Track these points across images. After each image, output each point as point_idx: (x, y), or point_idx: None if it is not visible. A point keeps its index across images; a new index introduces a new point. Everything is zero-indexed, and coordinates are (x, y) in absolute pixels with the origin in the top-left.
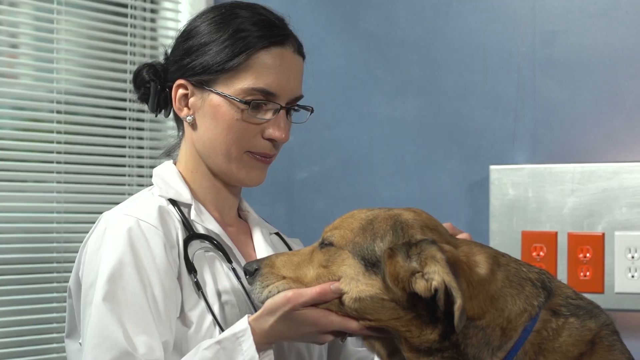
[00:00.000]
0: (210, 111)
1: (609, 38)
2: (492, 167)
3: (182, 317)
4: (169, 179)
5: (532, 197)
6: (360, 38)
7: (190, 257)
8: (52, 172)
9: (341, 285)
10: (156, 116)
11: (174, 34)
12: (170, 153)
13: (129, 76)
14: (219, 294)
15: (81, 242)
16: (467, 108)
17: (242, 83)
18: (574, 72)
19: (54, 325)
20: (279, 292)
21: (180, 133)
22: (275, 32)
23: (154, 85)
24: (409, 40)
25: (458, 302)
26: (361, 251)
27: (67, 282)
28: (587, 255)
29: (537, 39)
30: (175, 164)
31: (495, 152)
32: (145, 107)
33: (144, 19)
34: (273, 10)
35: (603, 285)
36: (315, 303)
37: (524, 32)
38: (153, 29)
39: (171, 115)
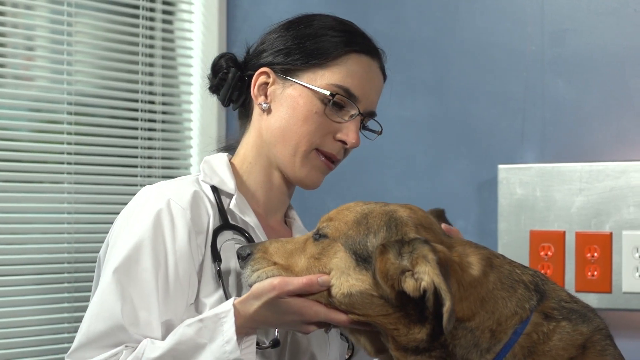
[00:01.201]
0: (289, 101)
1: (617, 37)
2: (501, 166)
3: (197, 302)
4: (216, 167)
5: (540, 196)
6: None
7: (217, 246)
8: (63, 172)
9: (331, 278)
10: (225, 106)
11: (189, 35)
12: (228, 149)
13: (141, 77)
14: (239, 287)
15: (91, 242)
16: (476, 107)
17: (329, 78)
18: (582, 71)
19: (65, 325)
20: (267, 277)
21: (243, 127)
22: (370, 44)
23: (233, 72)
24: (419, 40)
25: (447, 305)
26: (353, 245)
27: (77, 282)
28: (595, 254)
29: (545, 38)
30: (230, 158)
31: (504, 151)
32: (155, 110)
33: (154, 19)
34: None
35: (610, 285)
36: (301, 293)
37: (532, 32)
38: (166, 31)
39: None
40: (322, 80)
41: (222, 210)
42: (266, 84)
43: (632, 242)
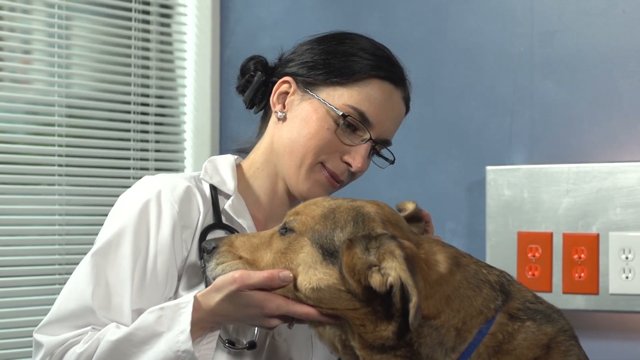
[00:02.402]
0: (303, 114)
1: (606, 38)
2: (489, 167)
3: (176, 296)
4: (220, 167)
5: (528, 197)
6: None
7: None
8: (54, 174)
9: (298, 273)
10: (247, 108)
11: (183, 37)
12: (241, 152)
13: (134, 79)
14: None
15: (82, 244)
16: (465, 108)
17: (347, 98)
18: (571, 72)
19: None
20: (231, 270)
21: (261, 131)
22: (394, 71)
23: (259, 76)
24: (409, 41)
25: (414, 300)
26: (320, 239)
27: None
28: (582, 256)
29: (535, 39)
30: (238, 160)
31: (492, 152)
32: (148, 112)
33: (149, 22)
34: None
35: (598, 286)
36: (262, 287)
37: (522, 32)
38: (159, 33)
39: (254, 119)
40: (339, 100)
41: (217, 210)
42: (286, 93)
43: (619, 244)
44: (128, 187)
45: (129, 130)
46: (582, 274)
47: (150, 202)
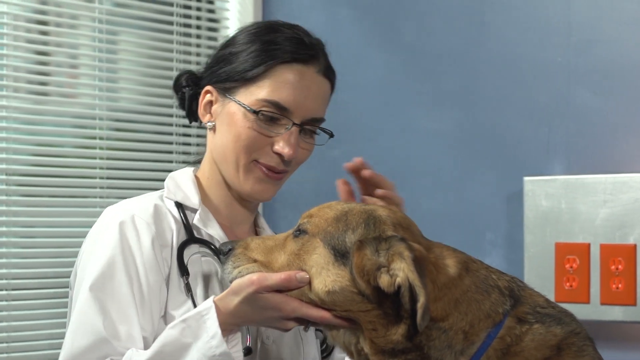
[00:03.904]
0: (227, 119)
1: None
2: (526, 178)
3: (166, 316)
4: (180, 183)
5: (565, 208)
6: (398, 51)
7: (184, 260)
8: (95, 187)
9: (312, 276)
10: (190, 123)
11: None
12: (196, 163)
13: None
14: (207, 299)
15: None
16: (502, 119)
17: (258, 94)
18: (608, 81)
19: None
20: (248, 274)
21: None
22: (301, 50)
23: (188, 91)
24: (446, 52)
25: (421, 300)
26: (332, 241)
27: None
28: (619, 267)
29: (571, 48)
30: (196, 172)
31: (530, 163)
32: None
33: (189, 35)
34: (312, 34)
35: (635, 297)
36: (279, 289)
37: (558, 42)
38: (200, 46)
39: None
40: (252, 96)
41: (187, 225)
42: (211, 102)
43: None
44: None
45: (171, 143)
46: (620, 285)
47: (126, 225)
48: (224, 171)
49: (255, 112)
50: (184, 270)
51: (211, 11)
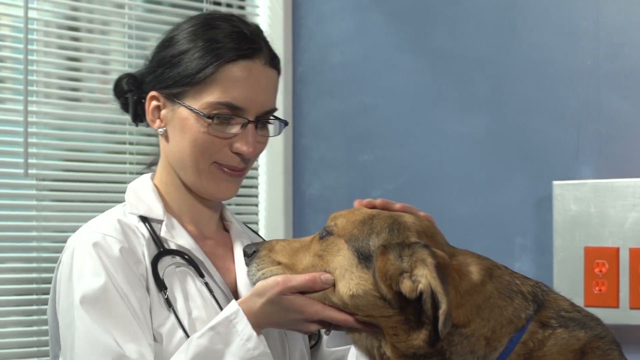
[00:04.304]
0: (179, 124)
1: None
2: (555, 182)
3: (153, 333)
4: (142, 194)
5: (594, 212)
6: (428, 55)
7: (160, 274)
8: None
9: (336, 278)
10: (137, 126)
11: None
12: (150, 166)
13: None
14: (189, 311)
15: None
16: (531, 123)
17: (209, 97)
18: (637, 85)
19: None
20: (271, 276)
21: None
22: (244, 45)
23: (131, 96)
24: (475, 56)
25: (443, 307)
26: (356, 243)
27: None
28: None
29: (600, 52)
30: (153, 177)
31: (559, 167)
32: None
33: None
34: (249, 22)
35: None
36: (303, 290)
37: (587, 46)
38: None
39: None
40: (203, 100)
41: (156, 238)
42: (158, 107)
43: None
44: None
45: None
46: None
47: (100, 246)
48: (184, 176)
49: (210, 117)
50: (161, 285)
51: (243, 17)
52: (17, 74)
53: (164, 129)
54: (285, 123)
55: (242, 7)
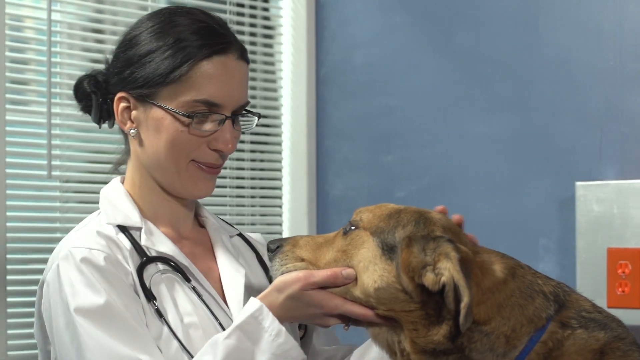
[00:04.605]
0: (153, 124)
1: None
2: (578, 183)
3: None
4: (116, 201)
5: (617, 213)
6: (451, 56)
7: (147, 284)
8: None
9: (360, 272)
10: (100, 127)
11: (281, 57)
12: (117, 167)
13: None
14: (181, 318)
15: None
16: (554, 124)
17: (185, 96)
18: None
19: None
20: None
21: (125, 146)
22: (216, 40)
23: (95, 97)
24: (499, 57)
25: (465, 300)
26: (382, 235)
27: None
28: None
29: (624, 53)
30: (122, 181)
31: (582, 168)
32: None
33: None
34: (214, 15)
35: None
36: (325, 285)
37: (611, 46)
38: (255, 53)
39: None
40: (179, 99)
41: (137, 247)
42: (128, 108)
43: None
44: (224, 205)
45: None
46: None
47: (85, 259)
48: (160, 177)
49: (189, 116)
50: (150, 296)
51: (266, 18)
52: (41, 76)
53: (136, 130)
54: (259, 116)
55: (265, 9)
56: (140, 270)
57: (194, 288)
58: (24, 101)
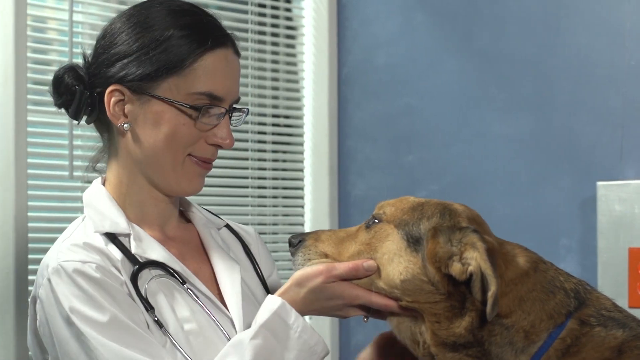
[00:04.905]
0: (152, 118)
1: None
2: (599, 183)
3: None
4: (101, 207)
5: (639, 213)
6: (472, 56)
7: (142, 293)
8: None
9: (384, 264)
10: (78, 123)
11: (303, 57)
12: (95, 166)
13: (250, 99)
14: (181, 326)
15: None
16: (575, 123)
17: (189, 86)
18: None
19: None
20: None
21: (106, 143)
22: (217, 33)
23: (80, 90)
24: (520, 57)
25: (492, 289)
26: (406, 227)
27: None
28: None
29: None
30: (103, 182)
31: (603, 168)
32: (265, 132)
33: (264, 42)
34: (206, 9)
35: None
36: (347, 278)
37: (631, 46)
38: (276, 53)
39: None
40: (182, 90)
41: (128, 255)
42: (121, 101)
43: None
44: (246, 205)
45: (246, 150)
46: None
47: (83, 274)
48: (154, 174)
49: (196, 109)
50: (148, 306)
51: (288, 19)
52: None
53: (129, 124)
54: (247, 112)
55: (288, 10)
56: (134, 279)
57: (189, 290)
58: (46, 102)
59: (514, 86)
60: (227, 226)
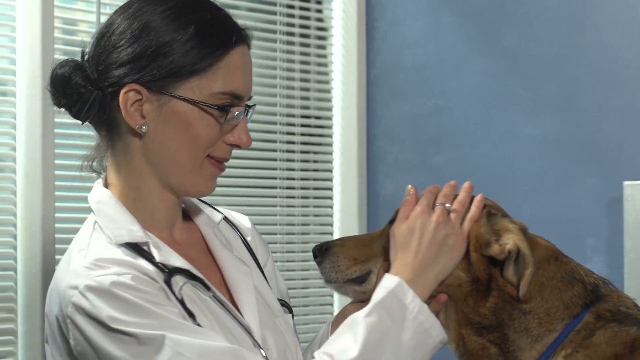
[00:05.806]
0: (173, 119)
1: None
2: (626, 182)
3: None
4: (113, 214)
5: None
6: (499, 56)
7: (180, 299)
8: None
9: None
10: (82, 124)
11: (332, 58)
12: (92, 164)
13: (279, 100)
14: (217, 332)
15: None
16: (602, 123)
17: (212, 86)
18: None
19: None
20: (347, 270)
21: (105, 142)
22: (235, 28)
23: (89, 90)
24: (546, 57)
25: (530, 269)
26: None
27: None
28: None
29: None
30: (105, 185)
31: (630, 167)
32: (294, 132)
33: (293, 43)
34: (219, 4)
35: None
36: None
37: None
38: (304, 54)
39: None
40: (205, 90)
41: (155, 263)
42: (138, 101)
43: None
44: (274, 206)
45: (275, 150)
46: None
47: (121, 286)
48: (171, 174)
49: (221, 108)
50: (188, 311)
51: (318, 20)
52: None
53: (147, 125)
54: (253, 107)
55: (319, 11)
56: (169, 286)
57: (213, 297)
58: None
59: (541, 86)
60: (225, 219)
